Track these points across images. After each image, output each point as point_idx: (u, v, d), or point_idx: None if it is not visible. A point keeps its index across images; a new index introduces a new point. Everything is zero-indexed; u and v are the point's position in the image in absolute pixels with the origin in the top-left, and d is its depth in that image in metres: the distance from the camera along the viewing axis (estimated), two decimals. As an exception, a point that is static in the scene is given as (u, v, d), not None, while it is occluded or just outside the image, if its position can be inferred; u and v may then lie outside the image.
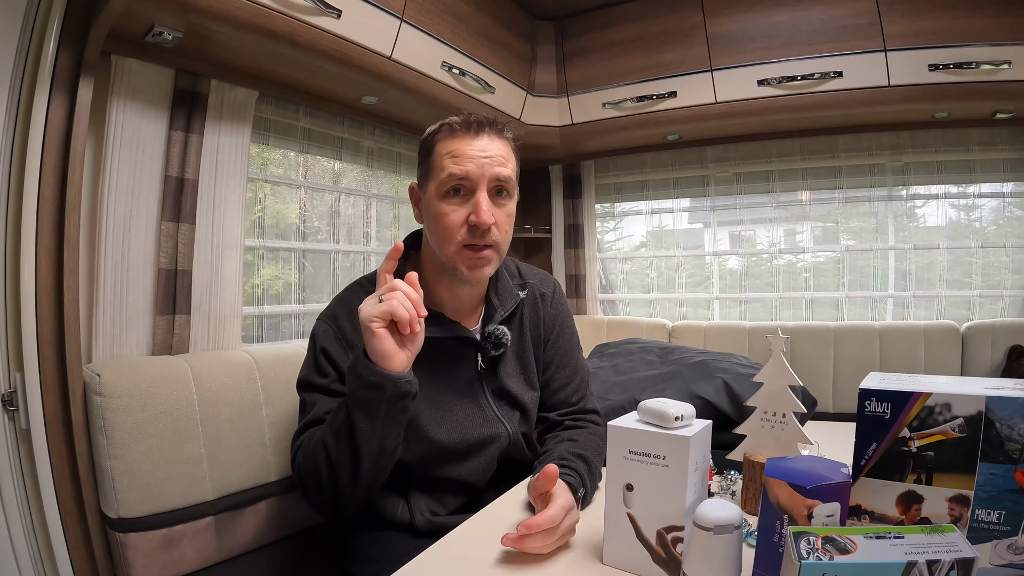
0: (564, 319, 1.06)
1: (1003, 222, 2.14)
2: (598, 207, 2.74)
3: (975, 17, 1.68)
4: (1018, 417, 0.51)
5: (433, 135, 0.89)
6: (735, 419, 1.21)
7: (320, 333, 0.89)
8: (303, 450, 0.82)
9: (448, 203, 0.86)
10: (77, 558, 1.07)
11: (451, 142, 0.86)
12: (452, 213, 0.85)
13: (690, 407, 0.65)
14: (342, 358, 0.86)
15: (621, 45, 2.12)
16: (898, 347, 2.02)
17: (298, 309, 1.77)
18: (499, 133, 0.89)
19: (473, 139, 0.86)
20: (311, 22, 1.28)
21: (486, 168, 0.85)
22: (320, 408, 0.85)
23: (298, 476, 0.83)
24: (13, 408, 1.05)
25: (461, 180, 0.85)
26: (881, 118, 2.09)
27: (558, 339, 1.04)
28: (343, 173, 1.96)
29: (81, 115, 1.09)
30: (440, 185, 0.86)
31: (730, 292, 2.52)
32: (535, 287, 1.04)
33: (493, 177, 0.86)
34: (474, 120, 0.88)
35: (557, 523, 0.69)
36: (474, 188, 0.85)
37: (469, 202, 0.85)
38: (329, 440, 0.77)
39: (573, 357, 1.05)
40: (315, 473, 0.79)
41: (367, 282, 0.95)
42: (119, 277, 1.22)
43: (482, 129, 0.87)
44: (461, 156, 0.85)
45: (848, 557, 0.42)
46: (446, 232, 0.86)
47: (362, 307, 0.73)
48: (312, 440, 0.81)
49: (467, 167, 0.84)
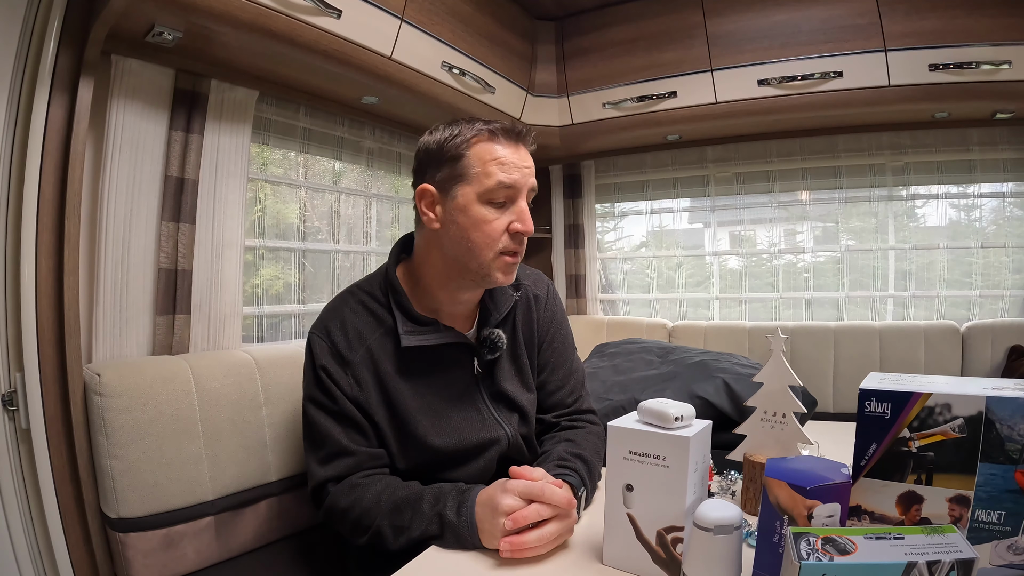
0: (559, 321, 1.06)
1: (1003, 222, 2.14)
2: (598, 207, 2.74)
3: (975, 17, 1.68)
4: (1018, 417, 0.51)
5: (466, 139, 0.86)
6: (735, 419, 1.21)
7: (316, 348, 0.90)
8: (345, 502, 0.84)
9: (491, 210, 0.85)
10: (77, 558, 1.07)
11: (493, 148, 0.85)
12: (496, 220, 0.85)
13: (690, 407, 0.65)
14: (339, 376, 0.88)
15: (621, 45, 2.12)
16: (898, 347, 2.02)
17: (298, 309, 1.77)
18: (529, 145, 0.91)
19: (516, 148, 0.87)
20: (311, 22, 1.28)
21: (527, 178, 0.87)
22: (339, 438, 0.87)
23: (328, 515, 0.87)
24: (13, 408, 1.05)
25: (509, 189, 0.85)
26: (881, 118, 2.09)
27: (553, 341, 1.04)
28: (343, 173, 1.96)
29: (81, 115, 1.09)
30: (487, 192, 0.84)
31: (730, 292, 2.52)
32: (528, 288, 1.04)
33: (531, 187, 0.88)
34: (514, 129, 0.88)
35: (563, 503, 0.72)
36: (515, 197, 0.86)
37: (509, 210, 0.86)
38: (386, 531, 0.80)
39: (568, 358, 1.05)
40: (354, 531, 0.84)
41: (358, 290, 0.95)
42: (119, 277, 1.21)
43: (522, 139, 0.89)
44: (509, 165, 0.85)
45: (848, 558, 0.42)
46: (487, 239, 0.85)
47: (510, 505, 0.72)
48: (363, 505, 0.83)
49: (515, 176, 0.85)
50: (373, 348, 0.89)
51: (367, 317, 0.91)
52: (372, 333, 0.90)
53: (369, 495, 0.82)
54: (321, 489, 0.87)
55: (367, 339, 0.89)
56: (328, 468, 0.87)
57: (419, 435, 0.88)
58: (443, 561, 0.71)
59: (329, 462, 0.87)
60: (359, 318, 0.91)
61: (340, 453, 0.87)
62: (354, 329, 0.89)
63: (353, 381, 0.88)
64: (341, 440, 0.86)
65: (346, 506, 0.83)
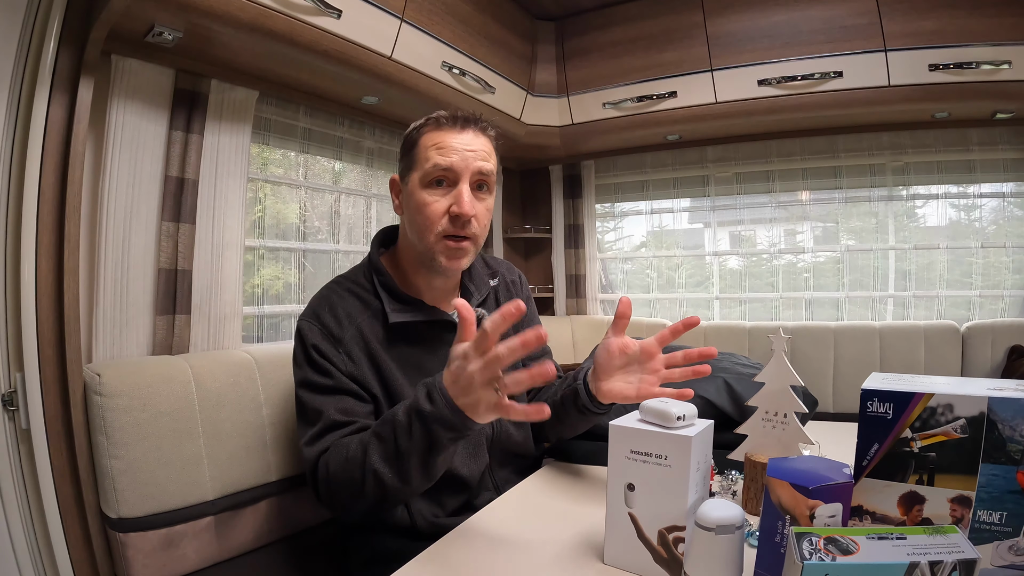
0: (531, 302, 1.13)
1: (1003, 222, 2.14)
2: (598, 207, 2.74)
3: (975, 17, 1.68)
4: (1020, 418, 0.50)
5: (418, 128, 0.92)
6: (736, 419, 1.21)
7: (306, 330, 0.89)
8: (335, 463, 0.79)
9: (431, 193, 0.88)
10: (77, 558, 1.07)
11: (437, 134, 0.89)
12: (434, 203, 0.87)
13: (692, 407, 0.65)
14: (332, 353, 0.87)
15: (621, 45, 2.13)
16: (898, 347, 2.02)
17: (298, 309, 1.77)
18: (483, 130, 0.92)
19: (459, 133, 0.89)
20: (311, 22, 1.28)
21: (470, 161, 0.87)
22: (331, 413, 0.84)
23: (326, 487, 0.80)
24: (13, 408, 1.04)
25: (445, 171, 0.87)
26: (881, 118, 2.10)
27: (531, 321, 1.08)
28: (343, 173, 1.96)
29: (81, 115, 1.09)
30: (424, 175, 0.88)
31: (730, 292, 2.52)
32: (504, 275, 1.09)
33: (476, 171, 0.88)
34: (460, 116, 0.90)
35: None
36: (457, 180, 0.87)
37: (451, 193, 0.88)
38: (379, 465, 0.74)
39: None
40: (354, 490, 0.76)
41: (343, 279, 0.96)
42: (119, 277, 1.21)
43: (468, 125, 0.90)
44: (446, 148, 0.87)
45: (850, 558, 0.42)
46: (427, 221, 0.87)
47: (476, 370, 0.65)
48: (348, 454, 0.77)
49: (452, 159, 0.87)
50: (362, 327, 0.89)
51: (354, 301, 0.92)
52: (361, 314, 0.90)
53: (353, 443, 0.78)
54: (316, 469, 0.82)
55: (356, 319, 0.90)
56: (320, 443, 0.83)
57: None
58: (443, 561, 0.71)
59: (321, 436, 0.83)
60: (347, 302, 0.91)
61: (333, 426, 0.83)
62: (343, 310, 0.90)
63: (346, 357, 0.87)
64: (334, 415, 0.83)
65: (334, 466, 0.78)
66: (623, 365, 0.85)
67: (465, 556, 0.72)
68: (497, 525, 0.79)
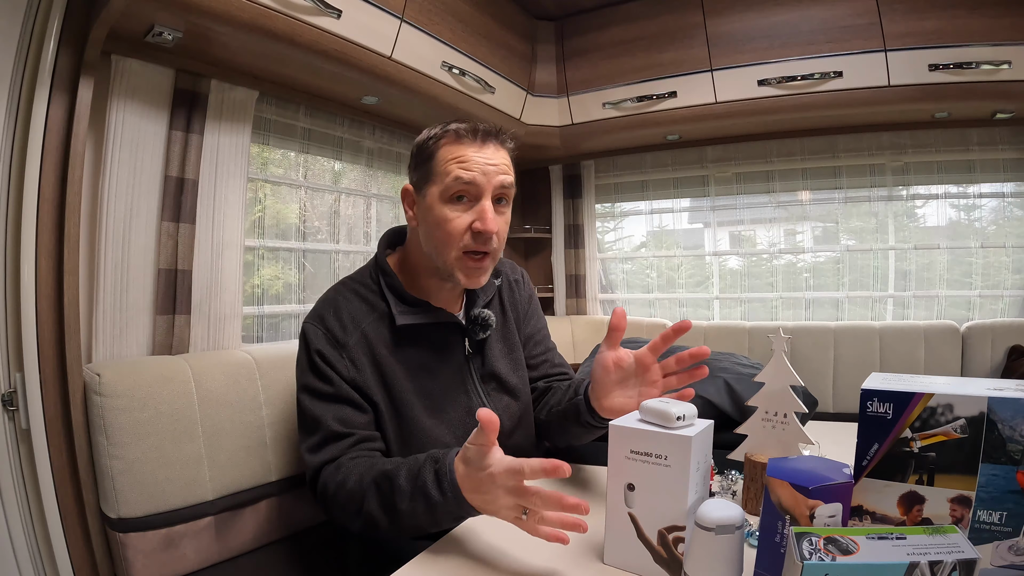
0: (535, 300, 1.13)
1: (1003, 222, 2.15)
2: (598, 207, 2.74)
3: (975, 17, 1.68)
4: (1020, 418, 0.50)
5: (436, 140, 0.88)
6: (736, 419, 1.21)
7: (311, 334, 0.89)
8: (334, 486, 0.81)
9: (452, 208, 0.86)
10: (77, 558, 1.07)
11: (456, 148, 0.86)
12: (456, 219, 0.85)
13: (692, 407, 0.65)
14: (336, 358, 0.87)
15: (621, 45, 2.12)
16: (898, 347, 2.02)
17: (298, 309, 1.77)
18: (503, 143, 0.90)
19: (480, 147, 0.87)
20: (311, 22, 1.28)
21: (492, 176, 0.86)
22: (330, 422, 0.85)
23: (324, 504, 0.84)
24: (13, 408, 1.04)
25: (467, 185, 0.85)
26: (881, 118, 2.10)
27: (533, 316, 1.09)
28: (343, 173, 1.96)
29: (81, 115, 1.09)
30: (446, 189, 0.86)
31: (730, 292, 2.52)
32: (507, 274, 1.08)
33: (498, 185, 0.87)
34: (481, 128, 0.88)
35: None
36: (479, 195, 0.86)
37: (473, 209, 0.86)
38: (376, 512, 0.77)
39: (547, 333, 1.12)
40: (350, 520, 0.80)
41: (349, 281, 0.96)
42: (119, 277, 1.21)
43: (488, 138, 0.88)
44: (468, 162, 0.85)
45: (850, 558, 0.42)
46: (448, 237, 0.86)
47: (505, 492, 0.66)
48: (349, 485, 0.79)
49: (474, 174, 0.85)
50: (368, 331, 0.89)
51: (360, 304, 0.92)
52: (366, 318, 0.90)
53: (353, 476, 0.80)
54: (317, 477, 0.85)
55: (361, 323, 0.90)
56: (321, 454, 0.84)
57: (413, 416, 0.89)
58: (443, 561, 0.71)
59: (322, 447, 0.85)
60: (352, 305, 0.91)
61: (332, 437, 0.84)
62: (348, 314, 0.90)
63: (350, 363, 0.87)
64: (333, 425, 0.84)
65: (334, 489, 0.81)
66: (620, 380, 0.83)
67: (465, 556, 0.72)
68: (497, 525, 0.79)
